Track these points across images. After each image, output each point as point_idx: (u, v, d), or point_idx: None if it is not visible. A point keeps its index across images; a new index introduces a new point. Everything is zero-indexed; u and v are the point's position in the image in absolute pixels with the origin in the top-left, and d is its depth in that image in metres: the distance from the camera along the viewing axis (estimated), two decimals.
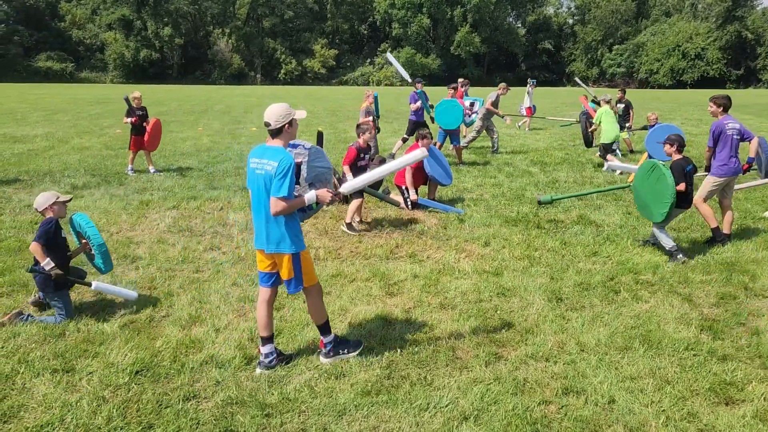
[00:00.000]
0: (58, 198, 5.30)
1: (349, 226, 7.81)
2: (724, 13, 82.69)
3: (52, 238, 5.12)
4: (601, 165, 12.93)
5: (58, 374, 4.22)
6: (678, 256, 6.75)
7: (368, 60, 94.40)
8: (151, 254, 6.88)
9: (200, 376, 4.24)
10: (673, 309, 5.48)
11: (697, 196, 7.48)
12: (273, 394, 4.01)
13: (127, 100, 11.56)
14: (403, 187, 9.24)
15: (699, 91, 69.28)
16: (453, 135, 13.18)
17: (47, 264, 4.98)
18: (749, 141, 7.50)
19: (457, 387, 4.12)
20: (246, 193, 10.05)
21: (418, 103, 13.74)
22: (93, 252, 5.45)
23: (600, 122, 12.38)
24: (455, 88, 14.59)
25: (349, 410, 3.84)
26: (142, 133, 11.63)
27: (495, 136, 15.06)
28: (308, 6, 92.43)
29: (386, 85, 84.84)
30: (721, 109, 7.44)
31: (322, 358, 4.48)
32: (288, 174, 3.97)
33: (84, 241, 5.52)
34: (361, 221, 8.18)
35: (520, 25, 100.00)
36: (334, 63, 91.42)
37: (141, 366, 4.34)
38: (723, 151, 7.36)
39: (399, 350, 4.63)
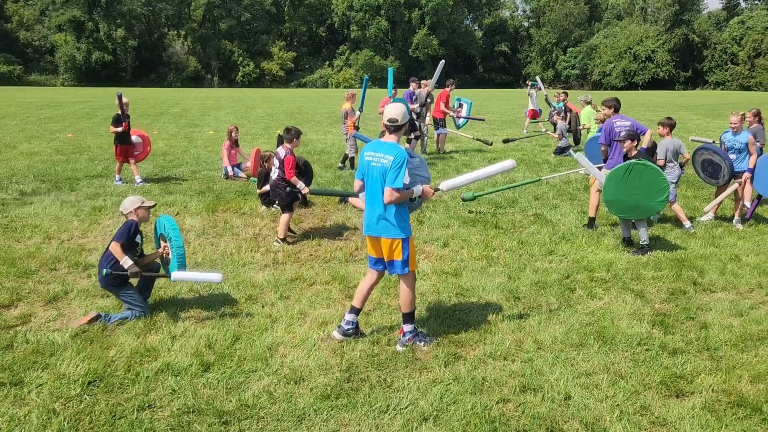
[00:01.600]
0: (143, 203, 5.43)
1: (284, 241, 7.52)
2: (672, 17, 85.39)
3: (128, 239, 5.21)
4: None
5: (5, 388, 4.06)
6: (648, 253, 7.10)
7: (327, 62, 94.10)
8: None
9: (156, 385, 4.14)
10: (626, 305, 5.62)
11: (595, 187, 8.16)
12: (231, 401, 3.95)
13: (120, 97, 10.55)
14: None
15: (650, 92, 71.35)
16: None
17: (125, 262, 5.08)
18: (643, 134, 8.01)
19: (417, 388, 4.13)
20: (202, 198, 9.89)
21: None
22: (170, 256, 5.36)
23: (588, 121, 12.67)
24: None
25: (309, 415, 3.82)
26: (128, 141, 10.89)
27: (425, 140, 14.74)
28: (265, 8, 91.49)
29: (345, 86, 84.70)
30: (612, 110, 8.14)
31: (398, 347, 4.70)
32: (402, 167, 4.44)
33: (164, 244, 5.47)
34: (293, 233, 7.90)
35: (477, 27, 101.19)
36: (293, 65, 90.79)
37: (94, 376, 4.22)
38: (613, 146, 7.91)
39: (359, 353, 4.62)
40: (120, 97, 10.61)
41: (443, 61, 13.83)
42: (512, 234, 7.97)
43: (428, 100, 14.54)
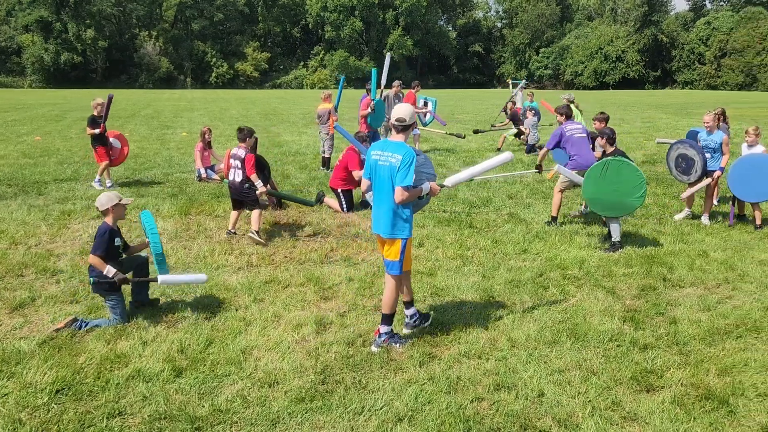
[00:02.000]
0: (120, 200, 5.30)
1: (258, 234, 7.51)
2: (642, 18, 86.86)
3: (106, 249, 5.10)
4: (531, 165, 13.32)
5: None
6: (619, 250, 7.24)
7: (301, 63, 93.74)
8: (73, 266, 6.58)
9: (126, 391, 4.07)
10: (597, 302, 5.69)
11: (557, 188, 8.40)
12: (203, 406, 3.90)
13: (111, 99, 10.53)
14: (339, 190, 9.22)
15: (621, 91, 72.48)
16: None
17: (108, 271, 5.02)
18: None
19: (392, 389, 4.13)
20: (175, 200, 9.77)
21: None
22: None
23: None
24: (369, 90, 14.57)
25: (283, 418, 3.79)
26: (107, 142, 10.70)
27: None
28: (238, 8, 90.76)
29: (320, 87, 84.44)
30: (564, 117, 8.53)
31: (373, 348, 4.73)
32: (411, 166, 4.45)
33: (147, 240, 5.45)
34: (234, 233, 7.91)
35: (450, 28, 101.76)
36: (267, 66, 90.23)
37: (62, 384, 4.13)
38: (570, 149, 8.26)
39: (333, 355, 4.61)
40: (111, 99, 10.56)
41: (389, 54, 14.00)
42: (486, 233, 8.02)
43: (396, 101, 14.63)
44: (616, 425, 3.76)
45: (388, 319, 4.78)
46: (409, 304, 5.04)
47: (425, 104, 16.99)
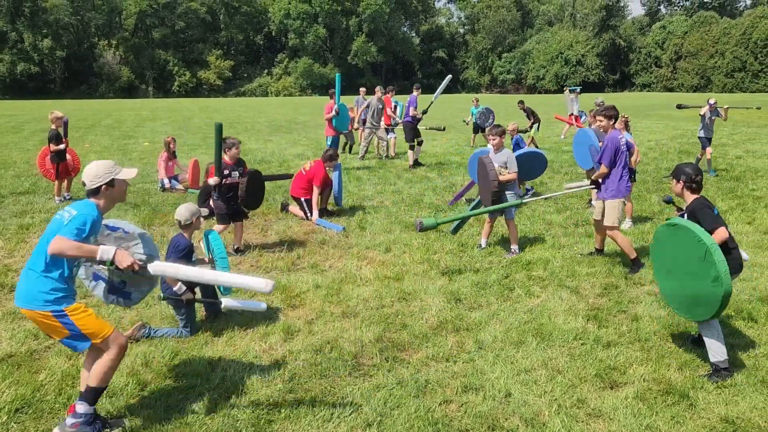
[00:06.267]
0: (201, 213, 5.38)
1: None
2: (600, 23, 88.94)
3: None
4: None
5: None
6: (726, 378, 4.26)
7: (265, 70, 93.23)
8: None
9: None
10: (562, 302, 5.79)
11: (611, 224, 6.53)
12: (169, 419, 3.84)
13: (65, 123, 10.39)
14: (301, 199, 9.18)
15: (582, 95, 73.74)
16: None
17: (179, 289, 4.99)
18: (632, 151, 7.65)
19: (360, 394, 4.13)
20: (138, 211, 9.60)
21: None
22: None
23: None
24: (332, 95, 14.66)
25: (250, 429, 3.75)
26: (65, 158, 10.51)
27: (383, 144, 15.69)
28: (200, 16, 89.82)
29: (285, 95, 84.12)
30: (613, 122, 6.43)
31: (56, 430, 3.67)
32: (88, 222, 3.47)
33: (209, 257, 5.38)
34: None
35: (414, 34, 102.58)
36: (231, 74, 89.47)
37: (22, 403, 4.02)
38: (620, 167, 6.45)
39: (301, 363, 4.59)
40: (66, 123, 10.45)
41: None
42: (452, 237, 8.08)
43: (379, 105, 14.80)
44: (582, 422, 3.82)
45: (91, 395, 3.63)
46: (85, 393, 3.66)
47: (395, 108, 17.19)
